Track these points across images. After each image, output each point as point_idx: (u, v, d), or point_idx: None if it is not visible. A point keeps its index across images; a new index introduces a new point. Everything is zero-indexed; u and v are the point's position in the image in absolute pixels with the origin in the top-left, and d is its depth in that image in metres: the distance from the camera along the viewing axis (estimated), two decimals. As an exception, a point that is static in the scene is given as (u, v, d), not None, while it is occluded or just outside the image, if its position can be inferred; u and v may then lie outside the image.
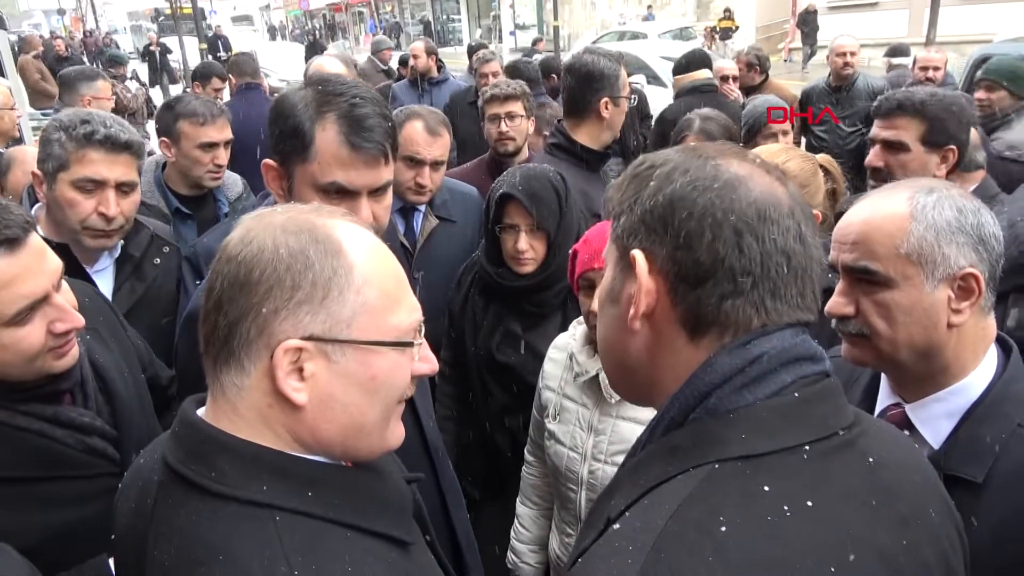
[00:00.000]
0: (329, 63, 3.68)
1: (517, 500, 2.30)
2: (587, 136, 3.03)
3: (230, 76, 5.51)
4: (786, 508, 0.80)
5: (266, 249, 0.94)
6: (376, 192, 1.60)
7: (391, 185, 1.65)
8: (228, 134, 3.12)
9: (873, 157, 2.45)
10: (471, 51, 8.14)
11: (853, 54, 5.68)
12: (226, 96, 5.57)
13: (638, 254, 0.92)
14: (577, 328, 2.15)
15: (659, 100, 7.26)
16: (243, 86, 5.34)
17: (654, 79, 10.73)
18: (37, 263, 1.43)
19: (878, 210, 1.33)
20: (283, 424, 0.96)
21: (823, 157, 2.21)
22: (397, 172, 3.28)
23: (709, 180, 0.89)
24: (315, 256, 0.94)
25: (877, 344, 1.33)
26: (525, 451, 2.34)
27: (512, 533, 2.24)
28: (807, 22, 19.48)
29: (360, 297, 0.95)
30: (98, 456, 1.60)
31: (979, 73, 4.23)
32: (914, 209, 1.29)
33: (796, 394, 0.87)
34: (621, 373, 1.01)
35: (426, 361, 1.05)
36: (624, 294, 0.95)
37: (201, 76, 5.54)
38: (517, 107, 3.60)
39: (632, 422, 1.93)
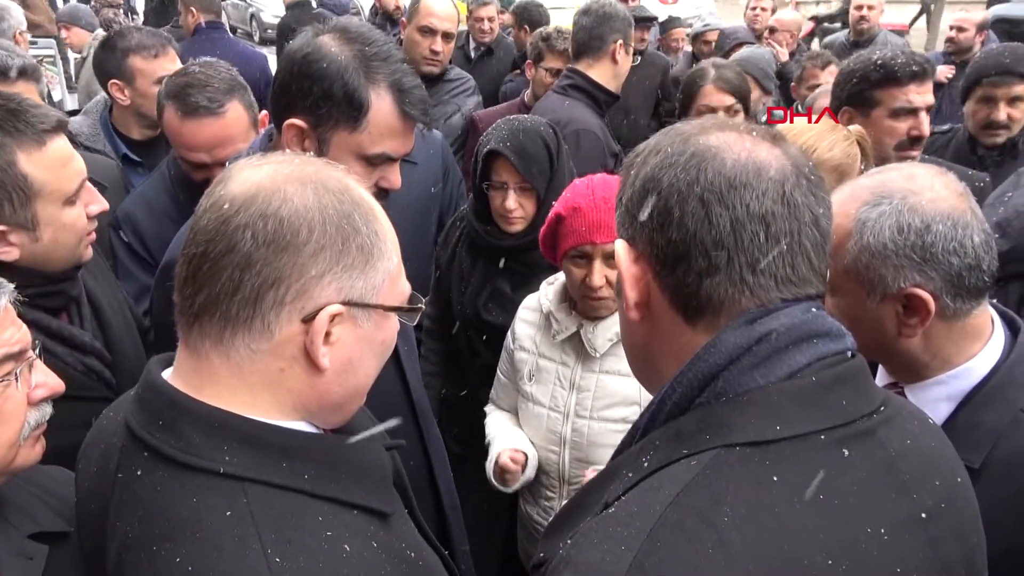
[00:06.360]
0: None
1: (494, 431, 2.14)
2: (600, 76, 3.08)
3: (192, 10, 4.68)
4: (796, 500, 0.77)
5: (311, 209, 0.89)
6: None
7: None
8: (179, 64, 2.77)
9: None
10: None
11: (871, 8, 5.39)
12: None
13: (619, 244, 0.91)
14: (548, 288, 2.10)
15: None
16: (204, 25, 4.50)
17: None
18: (72, 149, 1.54)
19: (832, 216, 1.28)
20: (291, 388, 0.92)
21: (856, 130, 2.06)
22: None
23: (676, 156, 0.87)
24: (359, 220, 0.92)
25: None
26: (486, 410, 2.28)
27: (497, 441, 2.07)
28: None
29: (387, 263, 0.96)
30: (95, 378, 1.58)
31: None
32: (855, 226, 1.24)
33: (813, 377, 0.83)
34: (635, 363, 1.01)
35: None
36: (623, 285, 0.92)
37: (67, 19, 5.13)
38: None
39: (617, 375, 1.91)
